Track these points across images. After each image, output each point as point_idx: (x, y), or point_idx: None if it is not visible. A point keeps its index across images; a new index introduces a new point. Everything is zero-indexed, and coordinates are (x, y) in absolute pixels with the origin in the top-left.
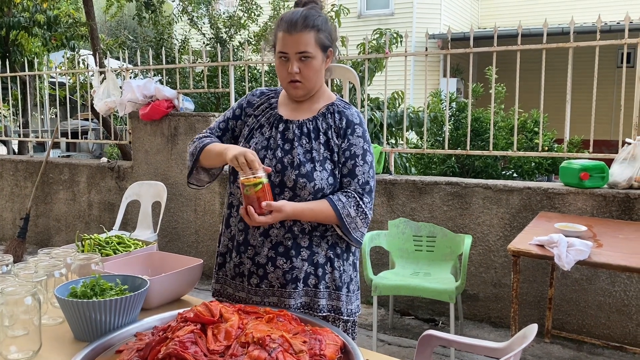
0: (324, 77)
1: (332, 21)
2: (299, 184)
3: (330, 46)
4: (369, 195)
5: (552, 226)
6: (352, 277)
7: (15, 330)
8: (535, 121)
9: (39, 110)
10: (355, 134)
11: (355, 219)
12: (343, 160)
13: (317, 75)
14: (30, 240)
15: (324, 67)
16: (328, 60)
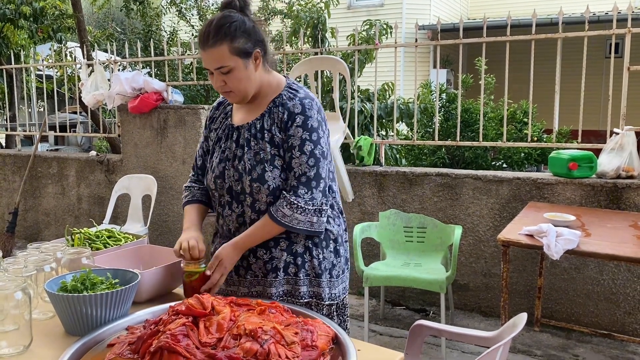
0: (267, 70)
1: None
2: (254, 189)
3: (252, 50)
4: (306, 185)
5: (541, 216)
6: (334, 263)
7: (6, 325)
8: (524, 112)
9: (26, 104)
10: (294, 124)
11: (292, 215)
12: (283, 154)
13: (246, 81)
14: (19, 235)
15: (254, 70)
16: (258, 61)
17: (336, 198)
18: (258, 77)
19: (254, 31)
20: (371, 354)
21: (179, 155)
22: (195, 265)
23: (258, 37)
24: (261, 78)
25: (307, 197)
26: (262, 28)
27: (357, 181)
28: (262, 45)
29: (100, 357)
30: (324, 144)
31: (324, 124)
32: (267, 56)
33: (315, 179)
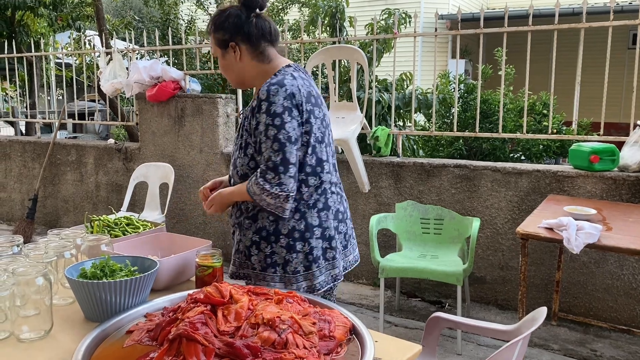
0: (260, 61)
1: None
2: (231, 173)
3: (228, 41)
4: (273, 170)
5: (561, 209)
6: (286, 259)
7: (27, 310)
8: (544, 103)
9: (46, 92)
10: (260, 110)
11: (261, 196)
12: (255, 140)
13: (225, 69)
14: (38, 221)
15: (234, 60)
16: (236, 52)
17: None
18: (241, 67)
19: (238, 27)
20: (389, 345)
21: (196, 144)
22: (209, 260)
23: (244, 33)
24: (249, 68)
25: (275, 182)
26: (264, 22)
27: (373, 172)
28: (245, 37)
29: (119, 344)
30: (290, 129)
31: (293, 110)
32: (259, 47)
33: (282, 163)
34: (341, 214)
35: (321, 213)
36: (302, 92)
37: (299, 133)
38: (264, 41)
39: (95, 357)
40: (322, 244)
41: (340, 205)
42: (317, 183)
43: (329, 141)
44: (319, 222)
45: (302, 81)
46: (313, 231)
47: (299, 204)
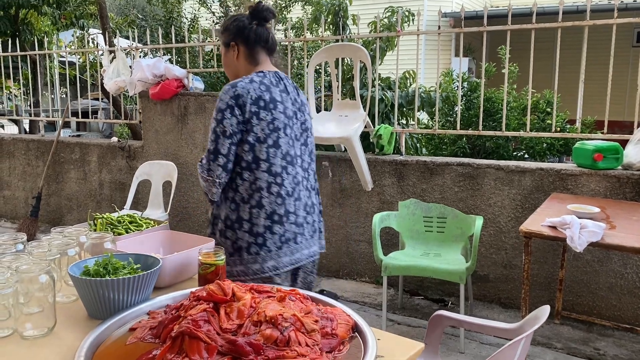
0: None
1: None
2: None
3: (231, 41)
4: (207, 156)
5: (565, 207)
6: (250, 242)
7: (31, 308)
8: (547, 101)
9: (49, 90)
10: None
11: (199, 178)
12: None
13: (229, 65)
14: (42, 219)
15: (233, 58)
16: (234, 52)
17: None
18: (237, 65)
19: (240, 30)
20: (391, 343)
21: (199, 142)
22: (212, 258)
23: (243, 36)
24: (242, 67)
25: (205, 167)
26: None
27: (376, 170)
28: (243, 40)
29: (122, 341)
30: (227, 124)
31: (235, 109)
32: (254, 50)
33: (213, 152)
34: (308, 206)
35: (253, 210)
36: (250, 95)
37: (236, 130)
38: (259, 46)
39: (98, 355)
40: (247, 237)
41: (309, 199)
42: (252, 179)
43: (277, 144)
44: (249, 217)
45: (257, 85)
46: (242, 224)
47: (235, 195)
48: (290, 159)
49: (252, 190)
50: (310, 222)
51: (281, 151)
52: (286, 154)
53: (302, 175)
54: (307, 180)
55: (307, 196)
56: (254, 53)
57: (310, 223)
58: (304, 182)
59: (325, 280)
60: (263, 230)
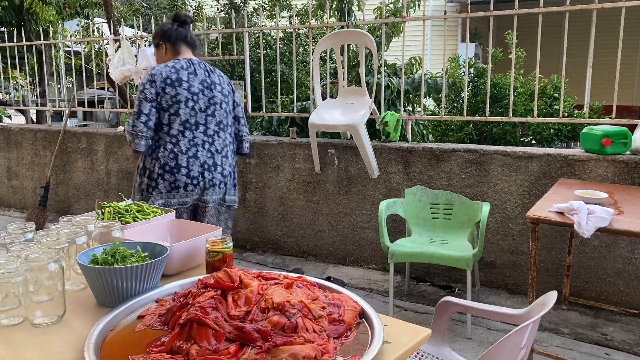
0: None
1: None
2: None
3: (159, 42)
4: (132, 116)
5: (572, 193)
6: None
7: (40, 296)
8: (555, 87)
9: (55, 80)
10: None
11: (125, 134)
12: None
13: (160, 60)
14: (50, 209)
15: (162, 54)
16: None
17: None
18: (164, 59)
19: (164, 33)
20: (398, 329)
21: None
22: (219, 245)
23: (167, 36)
24: (168, 60)
25: (131, 124)
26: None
27: (382, 157)
28: (168, 40)
29: (131, 328)
30: (147, 92)
31: (153, 83)
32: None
33: (137, 113)
34: (207, 165)
35: (152, 161)
36: (160, 75)
37: (154, 97)
38: (180, 42)
39: (108, 342)
40: (147, 181)
41: (210, 159)
42: (155, 139)
43: (177, 113)
44: (150, 165)
45: (168, 69)
46: (145, 171)
47: (149, 149)
48: (189, 126)
49: (154, 147)
50: (209, 178)
51: (180, 119)
52: (185, 122)
53: (203, 139)
54: (210, 144)
55: (209, 157)
56: (176, 47)
57: (209, 179)
58: (206, 145)
59: (332, 268)
60: (156, 176)
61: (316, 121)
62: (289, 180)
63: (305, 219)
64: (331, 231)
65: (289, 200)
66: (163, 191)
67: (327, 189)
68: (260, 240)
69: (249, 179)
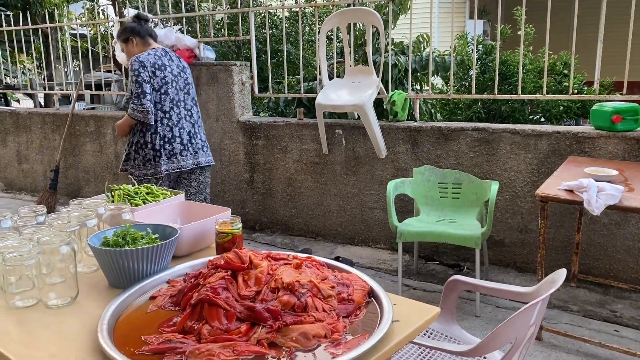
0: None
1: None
2: None
3: (129, 37)
4: (137, 97)
5: (582, 171)
6: (153, 155)
7: (53, 278)
8: (564, 63)
9: (62, 63)
10: (129, 72)
11: (135, 113)
12: None
13: (131, 53)
14: (61, 192)
15: (133, 47)
16: (132, 43)
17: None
18: (135, 52)
19: (133, 29)
20: (407, 308)
21: (212, 113)
22: (228, 227)
23: (136, 31)
24: (139, 52)
25: (138, 104)
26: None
27: (390, 137)
28: (138, 35)
29: (143, 309)
30: (144, 75)
31: (144, 68)
32: (144, 39)
33: (142, 93)
34: (191, 133)
35: (154, 134)
36: (149, 61)
37: (149, 79)
38: (147, 35)
39: (120, 323)
40: (152, 152)
41: (192, 128)
42: (155, 112)
43: (167, 92)
44: (151, 139)
45: (152, 56)
46: (147, 144)
47: (143, 127)
48: (175, 103)
49: (155, 122)
50: (194, 144)
51: (169, 97)
52: (172, 99)
53: (185, 113)
54: (189, 116)
55: (191, 127)
56: (145, 40)
57: (194, 144)
58: (187, 118)
59: (341, 248)
60: (159, 147)
61: (323, 101)
62: (297, 161)
63: (314, 199)
64: (339, 211)
65: (297, 181)
66: (165, 158)
67: (335, 170)
68: (269, 221)
69: (256, 160)
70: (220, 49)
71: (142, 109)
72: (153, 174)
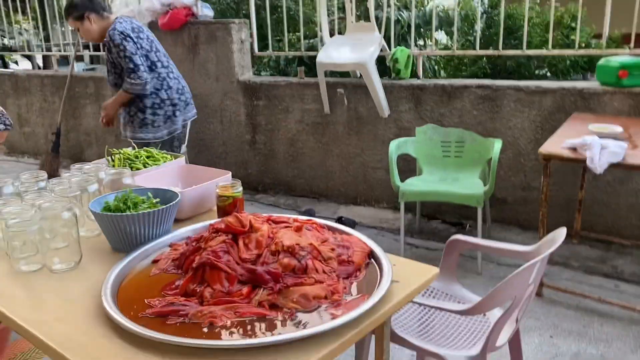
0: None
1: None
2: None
3: (84, 14)
4: (133, 72)
5: (586, 128)
6: (152, 119)
7: (57, 243)
8: (572, 16)
9: (59, 23)
10: (111, 46)
11: (132, 87)
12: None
13: (89, 32)
14: (63, 154)
15: (90, 25)
16: (88, 20)
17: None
18: (94, 30)
19: (85, 4)
20: (406, 268)
21: (212, 73)
22: (229, 190)
23: (92, 7)
24: (98, 28)
25: (135, 78)
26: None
27: (393, 96)
28: (93, 10)
29: (146, 273)
30: (130, 47)
31: (127, 38)
32: (102, 12)
33: (135, 66)
34: (180, 91)
35: (167, 91)
36: (128, 29)
37: (136, 49)
38: (101, 9)
39: (124, 286)
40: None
41: (179, 85)
42: (156, 75)
43: (157, 48)
44: (166, 95)
45: (127, 23)
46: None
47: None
48: (165, 58)
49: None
50: (184, 100)
51: (161, 53)
52: (163, 54)
53: (169, 70)
54: (172, 72)
55: (177, 83)
56: (102, 13)
57: (184, 100)
58: (170, 75)
59: (344, 207)
60: (176, 102)
61: (324, 60)
62: (299, 121)
63: (316, 160)
64: (342, 172)
65: (299, 141)
66: (182, 110)
67: (337, 130)
68: (272, 182)
69: (258, 121)
70: (219, 6)
71: (140, 81)
72: (169, 133)
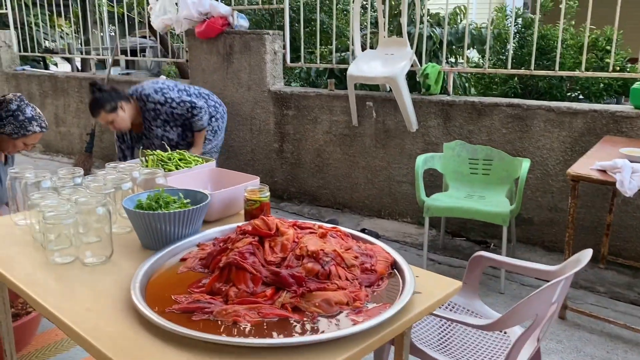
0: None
1: None
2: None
3: (117, 104)
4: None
5: (617, 151)
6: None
7: (89, 237)
8: (607, 39)
9: (99, 28)
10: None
11: None
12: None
13: (125, 120)
14: (96, 155)
15: (126, 112)
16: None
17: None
18: (130, 115)
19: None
20: (429, 280)
21: (244, 82)
22: (257, 194)
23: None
24: (133, 112)
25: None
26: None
27: (422, 111)
28: (121, 99)
29: (174, 270)
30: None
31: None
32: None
33: (191, 103)
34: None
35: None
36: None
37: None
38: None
39: (152, 282)
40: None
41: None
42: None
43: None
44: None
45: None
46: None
47: None
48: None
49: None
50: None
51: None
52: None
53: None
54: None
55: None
56: (127, 100)
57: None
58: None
59: (367, 220)
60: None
61: (355, 73)
62: (326, 132)
63: (342, 171)
64: (367, 184)
65: (326, 152)
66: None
67: (364, 142)
68: (297, 191)
69: (286, 130)
70: (254, 17)
71: (203, 112)
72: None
